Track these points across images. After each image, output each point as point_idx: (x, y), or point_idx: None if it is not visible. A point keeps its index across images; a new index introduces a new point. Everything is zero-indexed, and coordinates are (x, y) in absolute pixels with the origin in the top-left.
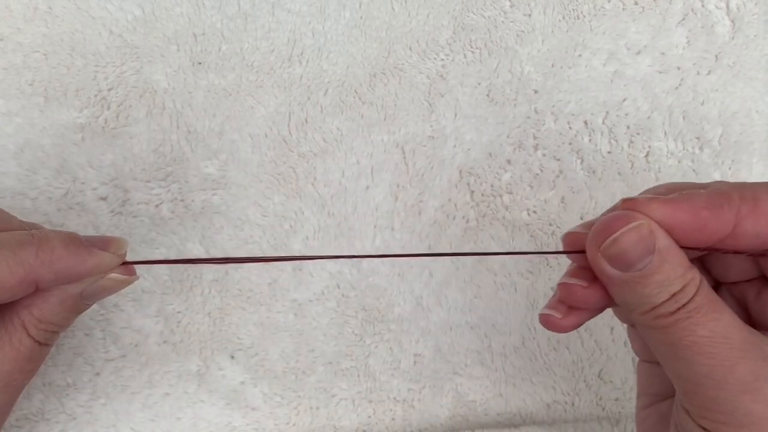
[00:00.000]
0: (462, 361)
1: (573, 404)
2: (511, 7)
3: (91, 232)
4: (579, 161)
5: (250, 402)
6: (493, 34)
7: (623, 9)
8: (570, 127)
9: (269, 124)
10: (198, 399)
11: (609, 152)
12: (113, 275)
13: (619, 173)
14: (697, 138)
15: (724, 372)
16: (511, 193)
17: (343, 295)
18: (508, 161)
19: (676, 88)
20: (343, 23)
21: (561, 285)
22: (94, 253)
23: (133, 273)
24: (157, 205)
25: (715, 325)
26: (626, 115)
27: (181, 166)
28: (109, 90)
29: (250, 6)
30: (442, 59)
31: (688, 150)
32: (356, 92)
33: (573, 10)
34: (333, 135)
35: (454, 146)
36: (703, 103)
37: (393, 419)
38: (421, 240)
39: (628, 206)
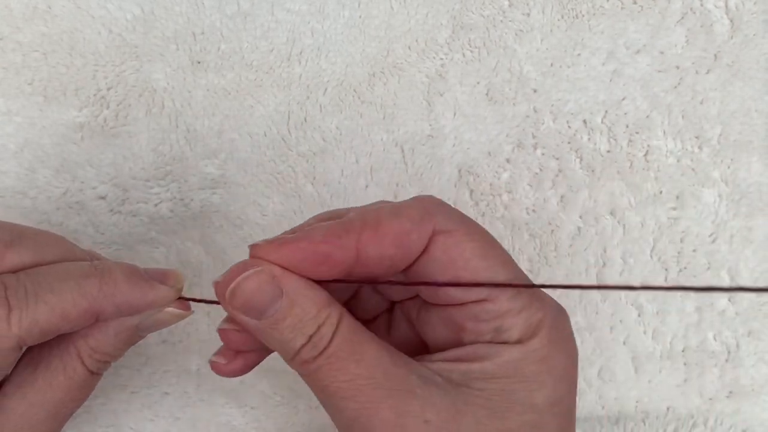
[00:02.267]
0: None
1: None
2: (509, 6)
3: (90, 231)
4: (578, 160)
5: (250, 401)
6: (491, 34)
7: (622, 8)
8: (569, 126)
9: (268, 124)
10: (197, 398)
11: (608, 151)
12: (170, 309)
13: (618, 172)
14: (696, 137)
15: (369, 414)
16: (510, 192)
17: None
18: (508, 160)
19: (675, 87)
20: (342, 22)
21: (219, 331)
22: (154, 287)
23: (188, 308)
24: (156, 204)
25: (356, 367)
26: (625, 114)
27: (180, 165)
28: (109, 89)
29: (250, 5)
30: (441, 58)
31: (687, 149)
32: (355, 91)
33: (572, 9)
34: (332, 134)
35: (453, 145)
36: (702, 102)
37: None
38: None
39: (253, 253)
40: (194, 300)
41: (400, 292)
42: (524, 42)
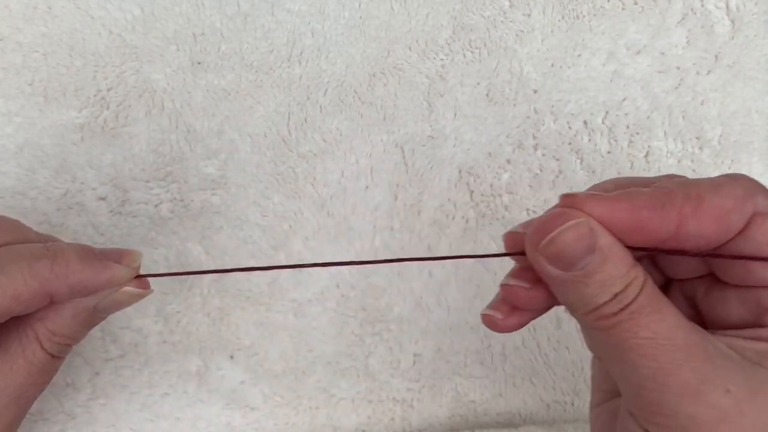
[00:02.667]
0: (462, 361)
1: (573, 404)
2: (510, 6)
3: (90, 232)
4: (578, 161)
5: (250, 402)
6: (492, 34)
7: (623, 9)
8: (569, 127)
9: (269, 124)
10: (197, 399)
11: (609, 152)
12: (127, 289)
13: (618, 173)
14: (697, 138)
15: (667, 375)
16: (510, 192)
17: (342, 295)
18: (508, 161)
19: (676, 87)
20: (343, 23)
21: (503, 286)
22: (109, 266)
23: (147, 286)
24: (156, 205)
25: (658, 327)
26: (626, 114)
27: (180, 166)
28: (109, 90)
29: (250, 6)
30: (442, 59)
31: (687, 150)
32: (355, 92)
33: (572, 9)
34: (332, 135)
35: (454, 146)
36: (702, 103)
37: (392, 419)
38: (420, 240)
39: (567, 203)
40: (153, 276)
41: (688, 269)
42: (525, 43)
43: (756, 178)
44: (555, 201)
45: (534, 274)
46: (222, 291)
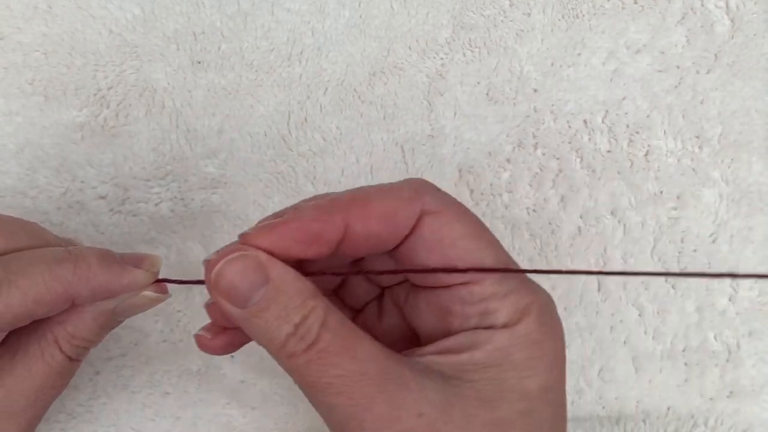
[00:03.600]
0: None
1: (573, 404)
2: (510, 6)
3: (90, 230)
4: (578, 160)
5: (250, 401)
6: (492, 33)
7: (623, 8)
8: (569, 126)
9: (269, 123)
10: (198, 398)
11: (608, 151)
12: (146, 293)
13: (618, 172)
14: (697, 137)
15: (364, 411)
16: (510, 192)
17: None
18: (508, 160)
19: (676, 87)
20: (343, 22)
21: (205, 306)
22: (129, 271)
23: (165, 291)
24: (156, 204)
25: (350, 363)
26: (626, 113)
27: (180, 165)
28: (109, 89)
29: (250, 5)
30: (442, 58)
31: (687, 149)
32: (356, 91)
33: (572, 9)
34: (332, 134)
35: (454, 145)
36: (702, 102)
37: None
38: None
39: (242, 240)
40: (172, 281)
41: (389, 276)
42: (525, 42)
43: (756, 177)
44: (555, 200)
45: None
46: None
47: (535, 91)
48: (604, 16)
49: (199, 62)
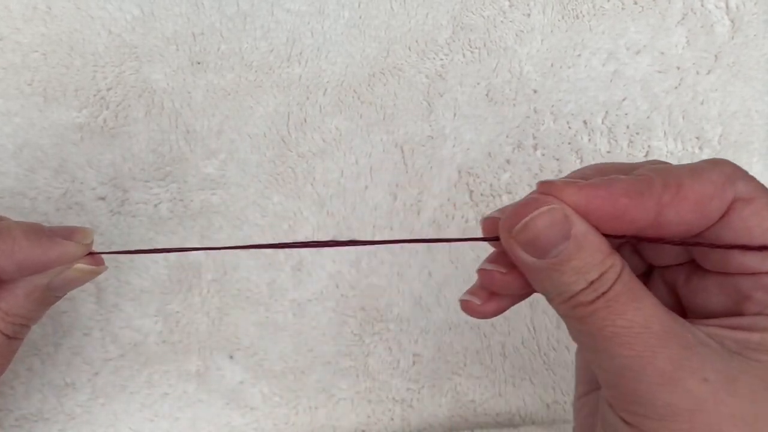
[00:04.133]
0: (461, 360)
1: None
2: (510, 6)
3: None
4: (578, 161)
5: (249, 402)
6: (492, 34)
7: (623, 9)
8: (569, 127)
9: (268, 124)
10: (197, 399)
11: (608, 152)
12: (79, 266)
13: None
14: (697, 138)
15: (644, 363)
16: (510, 193)
17: (342, 295)
18: (508, 161)
19: (676, 87)
20: (342, 23)
21: (480, 271)
22: (58, 243)
23: (100, 263)
24: (156, 205)
25: (635, 315)
26: (626, 114)
27: (180, 166)
28: (108, 90)
29: (249, 6)
30: (441, 59)
31: (687, 150)
32: (355, 92)
33: (572, 9)
34: (332, 135)
35: (453, 146)
36: (702, 103)
37: (392, 419)
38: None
39: (544, 190)
40: (107, 253)
41: (669, 256)
42: (524, 42)
43: (756, 178)
44: None
45: (510, 258)
46: (222, 291)
47: (535, 91)
48: (604, 17)
49: (199, 63)
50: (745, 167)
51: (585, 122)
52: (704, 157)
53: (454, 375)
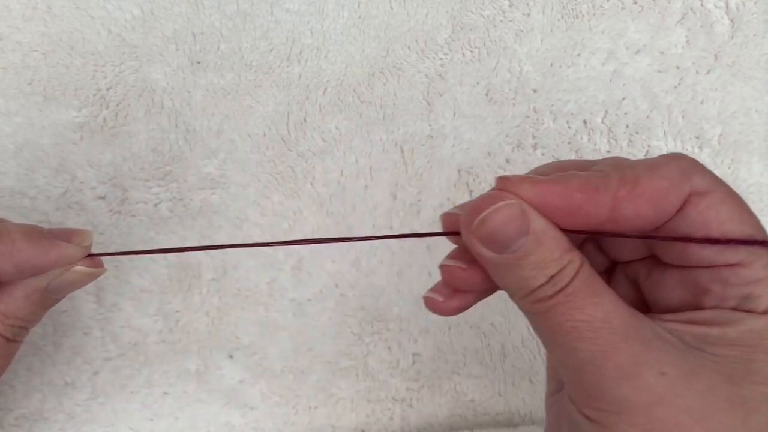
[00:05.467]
0: (461, 360)
1: None
2: (509, 6)
3: None
4: None
5: (249, 401)
6: (491, 34)
7: (622, 8)
8: (569, 127)
9: (268, 124)
10: (196, 398)
11: (608, 151)
12: (78, 268)
13: None
14: (697, 137)
15: (603, 358)
16: None
17: (341, 295)
18: (507, 160)
19: (676, 87)
20: (342, 22)
21: (441, 267)
22: (57, 245)
23: (100, 265)
24: (155, 204)
25: (594, 310)
26: (625, 114)
27: (179, 165)
28: (108, 89)
29: (249, 5)
30: (441, 58)
31: (687, 149)
32: (355, 91)
33: (572, 9)
34: (332, 134)
35: (453, 145)
36: (702, 103)
37: (391, 419)
38: (419, 239)
39: (501, 186)
40: (105, 255)
41: (630, 251)
42: (524, 42)
43: (756, 177)
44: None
45: (471, 254)
46: (221, 290)
47: (535, 91)
48: (604, 17)
49: (199, 62)
50: (745, 167)
51: (585, 122)
52: (704, 156)
53: (453, 374)
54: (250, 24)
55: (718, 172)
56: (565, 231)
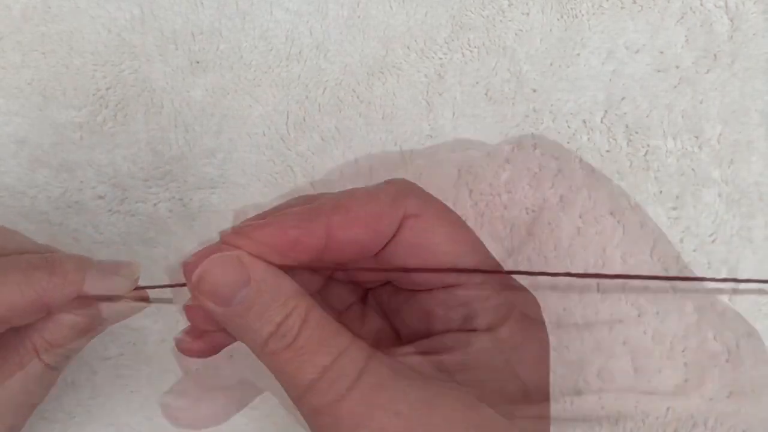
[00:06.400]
0: None
1: (573, 404)
2: (509, 5)
3: (89, 230)
4: (577, 160)
5: (250, 401)
6: (491, 33)
7: (622, 8)
8: (568, 126)
9: (267, 123)
10: (196, 398)
11: (608, 151)
12: (125, 300)
13: (617, 172)
14: (696, 137)
15: (338, 407)
16: (509, 192)
17: None
18: (507, 160)
19: (675, 86)
20: (341, 22)
21: (185, 308)
22: (106, 278)
23: (145, 298)
24: (155, 204)
25: (325, 359)
26: (625, 113)
27: (179, 165)
28: (108, 89)
29: (249, 5)
30: (440, 58)
31: (687, 149)
32: (354, 91)
33: (571, 8)
34: (331, 134)
35: (453, 145)
36: (702, 102)
37: None
38: None
39: (222, 240)
40: (151, 287)
41: (371, 278)
42: (524, 42)
43: (756, 177)
44: (554, 200)
45: None
46: None
47: (534, 91)
48: (603, 16)
49: (198, 62)
50: (745, 167)
51: (584, 121)
52: (704, 156)
53: None
54: (249, 24)
55: (717, 172)
56: (292, 272)
